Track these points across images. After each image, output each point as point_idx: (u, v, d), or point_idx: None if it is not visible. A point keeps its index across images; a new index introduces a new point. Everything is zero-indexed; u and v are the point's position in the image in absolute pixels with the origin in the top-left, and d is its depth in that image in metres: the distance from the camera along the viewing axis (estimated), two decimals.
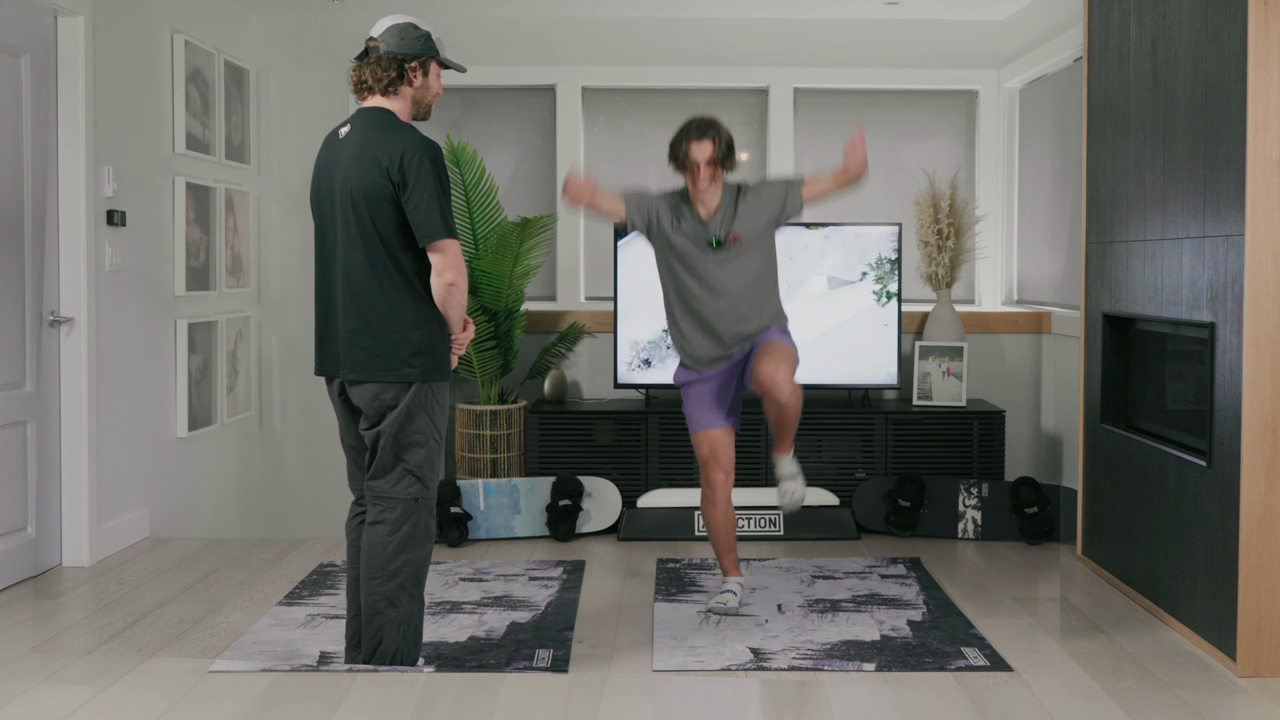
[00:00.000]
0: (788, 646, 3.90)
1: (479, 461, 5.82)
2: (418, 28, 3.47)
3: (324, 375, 3.56)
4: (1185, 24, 4.02)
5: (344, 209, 3.41)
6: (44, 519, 4.77)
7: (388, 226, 3.38)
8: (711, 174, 4.14)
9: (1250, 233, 3.61)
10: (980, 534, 5.43)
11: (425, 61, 3.48)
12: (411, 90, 3.49)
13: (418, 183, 3.34)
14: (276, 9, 6.30)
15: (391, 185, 3.35)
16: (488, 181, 5.98)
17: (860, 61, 6.40)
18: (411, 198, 3.34)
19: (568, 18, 6.39)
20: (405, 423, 3.45)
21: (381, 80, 3.45)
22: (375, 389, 3.43)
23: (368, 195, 3.36)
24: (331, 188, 3.45)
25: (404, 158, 3.34)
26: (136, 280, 5.26)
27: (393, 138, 3.37)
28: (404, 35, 3.44)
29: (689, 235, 4.20)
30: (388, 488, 3.49)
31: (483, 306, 5.84)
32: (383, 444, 3.47)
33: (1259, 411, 3.64)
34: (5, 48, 4.52)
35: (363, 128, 3.43)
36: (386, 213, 3.37)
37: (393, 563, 3.47)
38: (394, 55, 3.44)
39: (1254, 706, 3.44)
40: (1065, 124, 5.77)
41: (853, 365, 5.82)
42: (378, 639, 3.51)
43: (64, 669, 3.69)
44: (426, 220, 3.35)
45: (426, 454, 3.51)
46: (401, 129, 3.42)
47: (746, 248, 4.20)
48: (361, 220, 3.38)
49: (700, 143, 4.12)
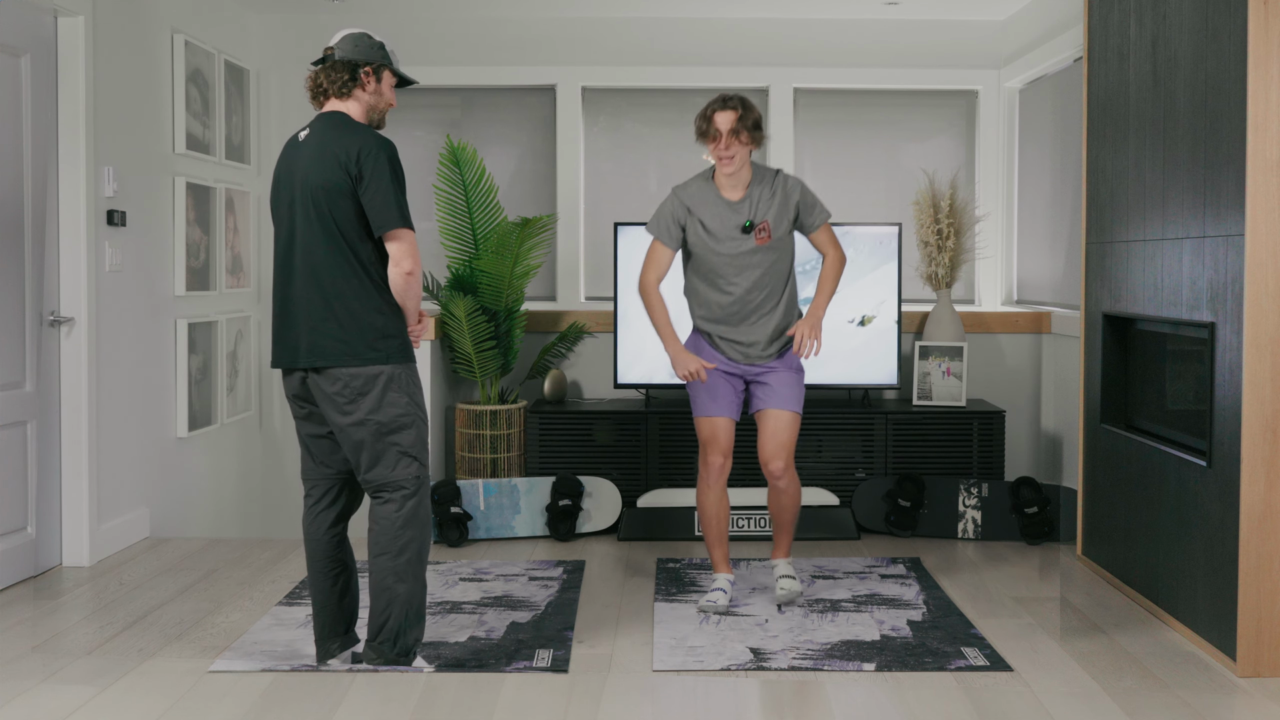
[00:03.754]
0: (788, 646, 3.90)
1: (479, 461, 5.82)
2: (371, 37, 3.65)
3: (283, 367, 3.63)
4: (1185, 24, 4.03)
5: (304, 205, 3.53)
6: (44, 519, 4.77)
7: (346, 220, 3.50)
8: (735, 144, 4.12)
9: (1250, 233, 3.61)
10: (980, 534, 5.43)
11: (378, 68, 3.64)
12: (366, 95, 3.63)
13: (374, 176, 3.47)
14: (276, 9, 6.30)
15: (350, 179, 3.48)
16: (488, 181, 5.98)
17: (860, 61, 6.40)
18: (368, 190, 3.48)
19: (568, 18, 6.39)
20: (384, 407, 3.53)
21: (335, 83, 3.60)
22: (345, 375, 3.52)
23: (327, 190, 3.49)
24: (291, 187, 3.58)
25: (360, 153, 3.48)
26: (136, 280, 5.26)
27: (349, 136, 3.52)
28: (358, 43, 3.62)
29: (717, 219, 4.19)
30: (387, 474, 3.57)
31: (483, 306, 5.84)
32: (367, 433, 3.54)
33: (1259, 411, 3.64)
34: (5, 48, 4.52)
35: (321, 130, 3.58)
36: (345, 206, 3.50)
37: (400, 538, 3.56)
38: (348, 60, 3.60)
39: (1254, 706, 3.44)
40: (1065, 124, 5.77)
41: (852, 365, 5.82)
42: (385, 615, 3.57)
43: (64, 669, 3.69)
44: (383, 211, 3.48)
45: (417, 433, 3.60)
46: (358, 128, 3.56)
47: (771, 244, 4.20)
48: (322, 215, 3.51)
49: (724, 112, 4.14)
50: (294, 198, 3.56)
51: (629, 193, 6.51)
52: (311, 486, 3.74)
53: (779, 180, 4.24)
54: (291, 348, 3.57)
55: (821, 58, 6.38)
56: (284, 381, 3.67)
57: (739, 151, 4.14)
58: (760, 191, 4.20)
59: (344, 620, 3.72)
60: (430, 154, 6.36)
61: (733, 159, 4.13)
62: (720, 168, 4.18)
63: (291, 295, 3.57)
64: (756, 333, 4.25)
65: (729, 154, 4.12)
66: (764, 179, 4.23)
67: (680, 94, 6.47)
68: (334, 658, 3.70)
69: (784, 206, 4.22)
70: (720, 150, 4.13)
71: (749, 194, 4.20)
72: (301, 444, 3.73)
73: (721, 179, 4.21)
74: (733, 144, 4.12)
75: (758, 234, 4.17)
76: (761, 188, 4.21)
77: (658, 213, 4.27)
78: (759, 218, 4.17)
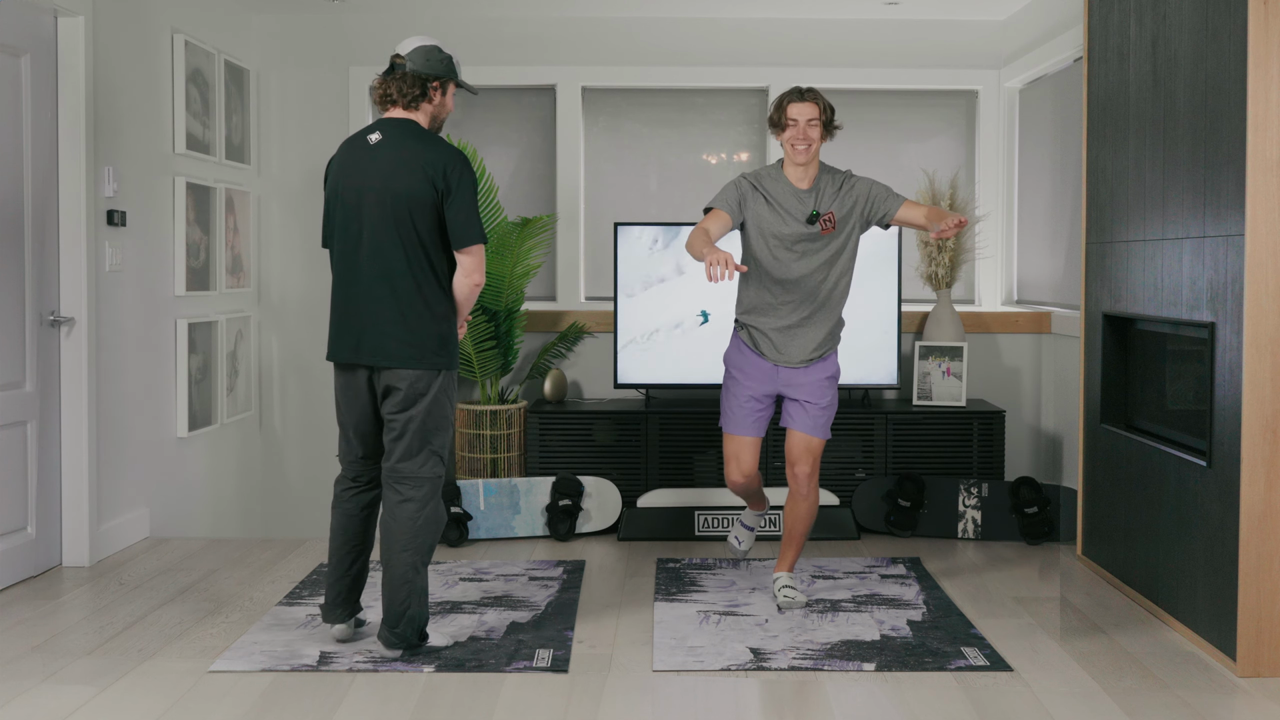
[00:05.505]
0: (788, 646, 3.90)
1: (479, 461, 5.82)
2: (442, 51, 3.80)
3: (344, 361, 3.80)
4: (1185, 24, 4.03)
5: (383, 210, 3.70)
6: (44, 519, 4.77)
7: (428, 230, 3.70)
8: (811, 136, 4.17)
9: (1250, 233, 3.61)
10: (980, 534, 5.43)
11: (445, 82, 3.82)
12: (431, 107, 3.81)
13: (459, 192, 3.69)
14: (276, 9, 6.30)
15: (436, 192, 3.68)
16: (488, 181, 5.98)
17: (860, 61, 6.40)
18: (453, 205, 3.69)
19: (568, 18, 6.39)
20: (434, 409, 3.77)
21: (406, 95, 3.77)
22: (410, 376, 3.73)
23: (411, 200, 3.68)
24: (361, 188, 3.72)
25: (448, 169, 3.69)
26: (136, 280, 5.26)
27: (434, 150, 3.71)
28: (430, 57, 3.78)
29: (783, 208, 4.21)
30: (415, 469, 3.78)
31: (483, 306, 5.84)
32: (413, 429, 3.76)
33: (1259, 411, 3.64)
34: (5, 48, 4.52)
35: (399, 137, 3.73)
36: (429, 217, 3.70)
37: (420, 535, 3.78)
38: (419, 74, 3.76)
39: (1254, 706, 3.44)
40: (1065, 124, 5.77)
41: (852, 365, 5.82)
42: (405, 605, 3.78)
43: (64, 669, 3.69)
44: (465, 226, 3.70)
45: (448, 436, 3.86)
46: (439, 142, 3.76)
47: (836, 236, 4.22)
48: (403, 223, 3.69)
49: (803, 103, 4.19)
50: (367, 199, 3.71)
51: (629, 193, 6.51)
52: (356, 474, 3.92)
53: (848, 180, 4.28)
54: (353, 345, 3.77)
55: (821, 58, 6.38)
56: (340, 374, 3.85)
57: (813, 140, 4.20)
58: (827, 185, 4.25)
59: (355, 590, 3.95)
60: None
61: (808, 147, 4.19)
62: (793, 156, 4.22)
63: (358, 295, 3.75)
64: (798, 338, 4.25)
65: (804, 142, 4.18)
66: (834, 176, 4.28)
67: (680, 94, 6.47)
68: (341, 623, 3.92)
69: (852, 204, 4.24)
70: (795, 137, 4.18)
71: (817, 184, 4.25)
72: (347, 431, 3.90)
73: (791, 169, 4.25)
74: (808, 132, 4.18)
75: (823, 223, 4.21)
76: (829, 182, 4.26)
77: (720, 191, 4.31)
78: (824, 209, 4.22)
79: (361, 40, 6.38)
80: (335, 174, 3.81)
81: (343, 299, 3.79)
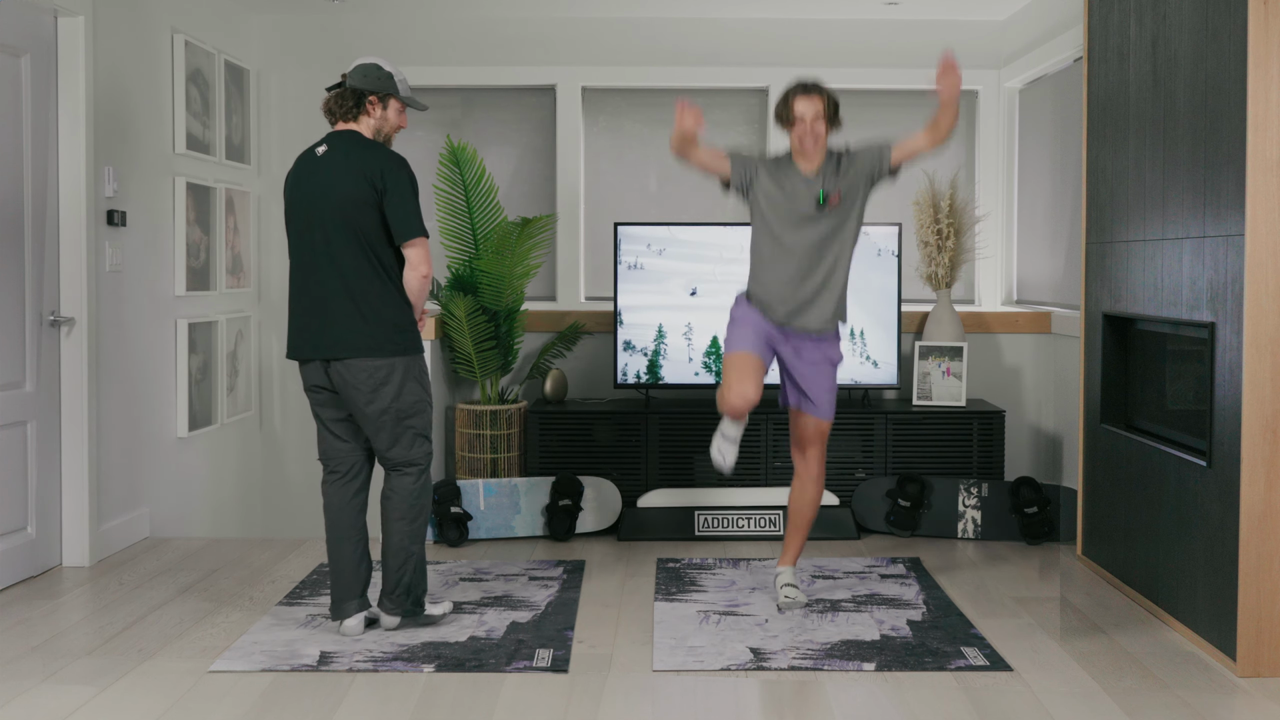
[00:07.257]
0: (788, 646, 3.90)
1: (479, 461, 5.82)
2: (382, 68, 4.02)
3: (304, 358, 4.01)
4: (1185, 24, 4.03)
5: (332, 214, 3.93)
6: (44, 519, 4.77)
7: (372, 228, 3.93)
8: (817, 131, 4.25)
9: (1250, 233, 3.61)
10: (980, 534, 5.43)
11: (384, 97, 4.03)
12: (372, 120, 4.03)
13: (395, 190, 3.91)
14: (276, 9, 6.30)
15: (375, 192, 3.91)
16: (488, 181, 5.98)
17: (860, 61, 6.40)
18: (390, 203, 3.91)
19: (568, 18, 6.39)
20: (404, 394, 3.97)
21: (342, 108, 4.02)
22: (369, 366, 3.92)
23: (355, 202, 3.91)
24: (313, 196, 3.96)
25: (384, 170, 3.91)
26: (136, 280, 5.26)
27: (371, 154, 3.95)
28: (368, 74, 4.01)
29: (792, 193, 4.28)
30: (404, 453, 4.02)
31: (483, 306, 5.84)
32: (388, 420, 3.96)
33: (1259, 411, 3.64)
34: (5, 48, 4.52)
35: (344, 147, 3.98)
36: (371, 216, 3.92)
37: (416, 505, 4.04)
38: (356, 89, 4.01)
39: (1254, 706, 3.44)
40: (1065, 124, 5.77)
41: (853, 365, 5.82)
42: (402, 573, 4.00)
43: (64, 669, 3.69)
44: (404, 221, 3.92)
45: (428, 416, 4.06)
46: (377, 147, 3.99)
47: (844, 209, 4.29)
48: (350, 223, 3.92)
49: (808, 98, 4.26)
50: (319, 206, 3.94)
51: (629, 193, 6.51)
52: (335, 464, 4.10)
53: (846, 156, 4.36)
54: (314, 341, 3.97)
55: (821, 58, 6.38)
56: (303, 371, 4.05)
57: (820, 136, 4.27)
58: (830, 167, 4.32)
59: (360, 583, 4.04)
60: (430, 154, 6.36)
61: (815, 143, 4.27)
62: (801, 150, 4.29)
63: (314, 293, 3.96)
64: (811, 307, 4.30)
65: (811, 138, 4.25)
66: (833, 156, 4.35)
67: (680, 94, 6.46)
68: (350, 617, 4.00)
69: (854, 176, 4.32)
70: (803, 134, 4.25)
71: (822, 169, 4.32)
72: (322, 426, 4.09)
73: (799, 159, 4.33)
74: (815, 128, 4.25)
75: (830, 202, 4.28)
76: (831, 163, 4.33)
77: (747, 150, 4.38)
78: (831, 189, 4.29)
79: (361, 40, 6.38)
80: (290, 186, 4.04)
81: (300, 300, 4.01)
